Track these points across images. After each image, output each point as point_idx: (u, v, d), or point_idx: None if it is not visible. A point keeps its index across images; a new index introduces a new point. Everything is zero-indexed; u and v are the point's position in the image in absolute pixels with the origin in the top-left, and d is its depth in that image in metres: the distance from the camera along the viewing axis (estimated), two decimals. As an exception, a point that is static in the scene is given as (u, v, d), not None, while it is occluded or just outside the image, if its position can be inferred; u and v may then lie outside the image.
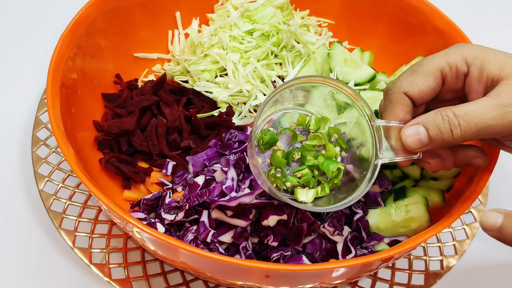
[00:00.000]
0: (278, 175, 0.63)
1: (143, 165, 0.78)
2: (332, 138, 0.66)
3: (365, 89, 0.82)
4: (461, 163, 0.63)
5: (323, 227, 0.67)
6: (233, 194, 0.68)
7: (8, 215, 0.78)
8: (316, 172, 0.64)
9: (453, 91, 0.62)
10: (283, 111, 0.67)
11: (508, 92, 0.55)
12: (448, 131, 0.56)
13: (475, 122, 0.55)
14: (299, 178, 0.63)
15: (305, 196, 0.62)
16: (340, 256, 0.67)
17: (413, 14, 0.84)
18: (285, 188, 0.63)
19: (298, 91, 0.65)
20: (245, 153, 0.72)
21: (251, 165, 0.60)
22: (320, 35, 0.92)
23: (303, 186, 0.63)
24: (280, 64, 0.86)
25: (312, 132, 0.66)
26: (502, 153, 0.66)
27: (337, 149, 0.65)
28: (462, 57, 0.59)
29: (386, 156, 0.61)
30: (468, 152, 0.63)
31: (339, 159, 0.66)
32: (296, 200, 0.62)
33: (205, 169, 0.73)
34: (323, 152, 0.65)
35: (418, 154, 0.60)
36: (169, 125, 0.77)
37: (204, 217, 0.67)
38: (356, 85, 0.82)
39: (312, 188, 0.63)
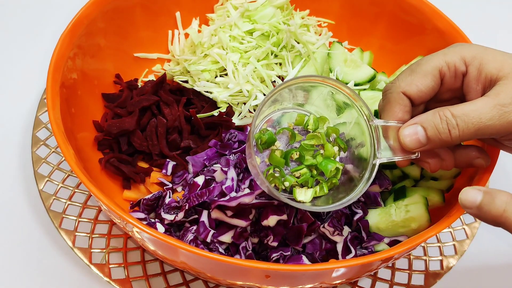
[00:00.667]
0: (277, 174, 0.63)
1: (143, 165, 0.78)
2: (330, 138, 0.66)
3: (365, 89, 0.82)
4: (462, 163, 0.63)
5: (323, 227, 0.67)
6: (233, 194, 0.67)
7: (8, 215, 0.78)
8: (315, 172, 0.64)
9: (451, 91, 0.62)
10: (282, 111, 0.67)
11: (507, 92, 0.55)
12: (446, 131, 0.56)
13: (473, 122, 0.55)
14: (298, 177, 0.63)
15: (304, 195, 0.62)
16: (340, 256, 0.67)
17: (413, 14, 0.84)
18: (284, 187, 0.63)
19: (298, 91, 0.65)
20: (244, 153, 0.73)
21: (250, 165, 0.60)
22: (320, 35, 0.92)
23: (302, 186, 0.63)
24: (280, 64, 0.86)
25: (311, 132, 0.66)
26: (503, 153, 0.66)
27: (336, 148, 0.65)
28: (461, 57, 0.59)
29: (385, 156, 0.61)
30: (470, 153, 0.63)
31: (337, 158, 0.66)
32: (294, 200, 0.62)
33: (205, 169, 0.73)
34: (322, 151, 0.65)
35: (417, 154, 0.60)
36: (169, 125, 0.77)
37: (204, 217, 0.67)
38: (356, 85, 0.82)
39: (311, 187, 0.63)
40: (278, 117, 0.67)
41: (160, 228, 0.68)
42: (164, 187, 0.75)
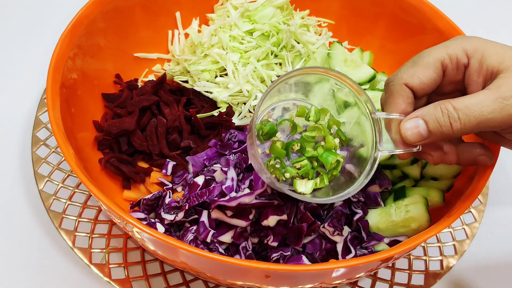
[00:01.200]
0: (277, 166, 0.63)
1: (143, 165, 0.78)
2: (331, 130, 0.66)
3: (365, 89, 0.82)
4: (466, 161, 0.63)
5: (323, 227, 0.67)
6: (233, 194, 0.67)
7: (8, 215, 0.78)
8: (315, 164, 0.64)
9: (453, 83, 0.62)
10: (284, 102, 0.67)
11: (507, 85, 0.55)
12: (448, 125, 0.56)
13: (474, 116, 0.55)
14: (298, 169, 0.63)
15: (304, 187, 0.62)
16: (340, 256, 0.67)
17: (413, 14, 0.84)
18: (284, 179, 0.63)
19: (298, 88, 0.65)
20: (246, 151, 0.72)
21: (250, 156, 0.60)
22: (320, 35, 0.92)
23: (302, 177, 0.63)
24: (280, 64, 0.86)
25: (312, 124, 0.66)
26: (502, 152, 0.66)
27: (337, 140, 0.65)
28: (463, 49, 0.59)
29: (386, 148, 0.61)
30: (473, 150, 0.62)
31: (338, 151, 0.65)
32: (295, 191, 0.62)
33: (205, 169, 0.73)
34: (323, 143, 0.65)
35: (418, 147, 0.60)
36: (169, 125, 0.77)
37: (204, 217, 0.67)
38: (356, 85, 0.82)
39: (311, 179, 0.63)
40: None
41: (160, 228, 0.68)
42: (164, 187, 0.75)
